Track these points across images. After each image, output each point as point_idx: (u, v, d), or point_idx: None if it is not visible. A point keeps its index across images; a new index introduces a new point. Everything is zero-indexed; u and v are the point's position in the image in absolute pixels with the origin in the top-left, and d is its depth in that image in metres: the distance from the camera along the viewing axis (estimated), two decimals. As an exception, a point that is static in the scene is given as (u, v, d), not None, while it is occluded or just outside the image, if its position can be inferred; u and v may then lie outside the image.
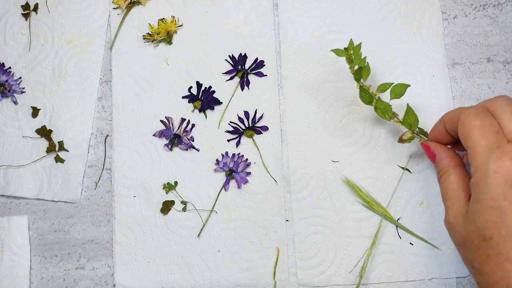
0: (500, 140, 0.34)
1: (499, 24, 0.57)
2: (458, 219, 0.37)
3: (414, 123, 0.44)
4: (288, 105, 0.56)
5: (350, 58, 0.45)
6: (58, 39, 0.59)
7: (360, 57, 0.45)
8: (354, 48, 0.45)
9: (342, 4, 0.58)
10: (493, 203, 0.33)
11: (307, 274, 0.53)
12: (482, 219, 0.34)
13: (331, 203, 0.54)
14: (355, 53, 0.45)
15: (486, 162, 0.33)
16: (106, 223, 0.56)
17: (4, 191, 0.57)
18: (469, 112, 0.37)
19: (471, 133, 0.35)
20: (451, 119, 0.40)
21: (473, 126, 0.36)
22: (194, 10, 0.59)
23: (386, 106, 0.45)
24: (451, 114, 0.40)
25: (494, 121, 0.36)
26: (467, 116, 0.37)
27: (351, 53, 0.45)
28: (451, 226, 0.38)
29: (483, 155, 0.34)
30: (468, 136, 0.36)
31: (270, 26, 0.58)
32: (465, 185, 0.39)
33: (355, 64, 0.45)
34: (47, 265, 0.56)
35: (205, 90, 0.57)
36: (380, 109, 0.45)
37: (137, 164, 0.56)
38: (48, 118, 0.58)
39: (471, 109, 0.37)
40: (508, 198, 0.32)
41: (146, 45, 0.59)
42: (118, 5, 0.59)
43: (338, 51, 0.45)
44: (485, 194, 0.33)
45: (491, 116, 0.36)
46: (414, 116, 0.44)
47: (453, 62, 0.57)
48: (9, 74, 0.59)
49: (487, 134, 0.35)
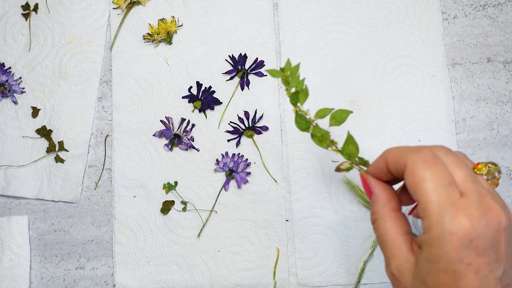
0: (453, 194, 0.31)
1: (499, 24, 0.57)
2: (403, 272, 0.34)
3: (354, 153, 0.40)
4: (288, 105, 0.56)
5: (287, 80, 0.40)
6: (58, 39, 0.59)
7: (297, 79, 0.40)
8: (291, 68, 0.40)
9: (342, 4, 0.58)
10: (447, 266, 0.31)
11: (307, 274, 0.53)
12: (435, 281, 0.31)
13: (331, 203, 0.54)
14: (292, 74, 0.40)
15: (441, 223, 0.31)
16: (106, 223, 0.56)
17: (4, 191, 0.57)
18: (417, 158, 0.33)
19: (422, 187, 0.32)
20: (396, 161, 0.35)
21: (423, 178, 0.32)
22: (194, 10, 0.59)
23: (324, 134, 0.40)
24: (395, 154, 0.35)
25: (446, 170, 0.32)
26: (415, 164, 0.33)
27: (287, 74, 0.40)
28: (394, 277, 0.35)
29: (436, 213, 0.31)
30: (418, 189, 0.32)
31: (270, 26, 0.58)
32: (403, 231, 0.35)
33: (291, 86, 0.40)
34: (47, 265, 0.56)
35: (205, 90, 0.57)
36: (316, 137, 0.41)
37: (137, 164, 0.56)
38: (48, 118, 0.58)
39: (419, 154, 0.33)
40: (464, 261, 0.30)
41: (146, 45, 0.59)
42: (118, 5, 0.59)
43: (274, 72, 0.40)
44: (440, 257, 0.31)
45: (441, 163, 0.33)
46: (354, 145, 0.40)
47: (453, 62, 0.57)
48: (9, 74, 0.59)
49: (439, 188, 0.32)
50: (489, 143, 0.55)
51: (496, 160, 0.55)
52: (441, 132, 0.55)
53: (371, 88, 0.56)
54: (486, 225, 0.30)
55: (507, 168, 0.55)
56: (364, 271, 0.53)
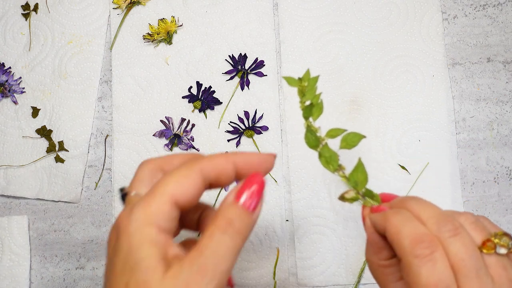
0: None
1: (499, 24, 0.57)
2: None
3: (362, 182, 0.36)
4: (288, 105, 0.56)
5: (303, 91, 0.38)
6: (58, 39, 0.59)
7: (314, 92, 0.37)
8: (310, 79, 0.38)
9: (342, 4, 0.58)
10: None
11: (307, 274, 0.53)
12: None
13: (331, 203, 0.54)
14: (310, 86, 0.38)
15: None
16: (106, 223, 0.56)
17: (4, 191, 0.57)
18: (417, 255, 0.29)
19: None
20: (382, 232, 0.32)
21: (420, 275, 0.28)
22: (194, 10, 0.59)
23: (332, 155, 0.37)
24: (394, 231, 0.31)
25: (448, 270, 0.29)
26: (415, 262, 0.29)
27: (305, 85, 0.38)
28: None
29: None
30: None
31: (270, 26, 0.58)
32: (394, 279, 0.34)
33: (307, 98, 0.37)
34: (47, 265, 0.56)
35: (205, 90, 0.57)
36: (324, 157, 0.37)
37: (137, 164, 0.56)
38: (48, 118, 0.58)
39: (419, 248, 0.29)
40: None
41: (146, 45, 0.59)
42: (118, 5, 0.59)
43: (291, 80, 0.38)
44: None
45: (442, 256, 0.29)
46: (364, 174, 0.36)
47: (453, 62, 0.57)
48: (9, 74, 0.59)
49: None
50: (489, 143, 0.55)
51: (496, 160, 0.55)
52: (441, 132, 0.55)
53: (371, 88, 0.56)
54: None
55: (507, 168, 0.55)
56: (364, 271, 0.53)
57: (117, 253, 0.30)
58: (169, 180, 0.31)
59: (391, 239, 0.31)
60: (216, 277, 0.29)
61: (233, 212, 0.31)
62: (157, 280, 0.28)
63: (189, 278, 0.28)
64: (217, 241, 0.29)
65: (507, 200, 0.54)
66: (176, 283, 0.28)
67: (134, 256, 0.29)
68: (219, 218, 0.30)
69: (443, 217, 0.30)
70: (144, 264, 0.28)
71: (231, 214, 0.31)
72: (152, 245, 0.29)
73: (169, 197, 0.30)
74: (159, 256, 0.29)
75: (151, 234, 0.29)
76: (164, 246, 0.30)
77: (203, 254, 0.29)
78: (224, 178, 0.33)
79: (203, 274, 0.28)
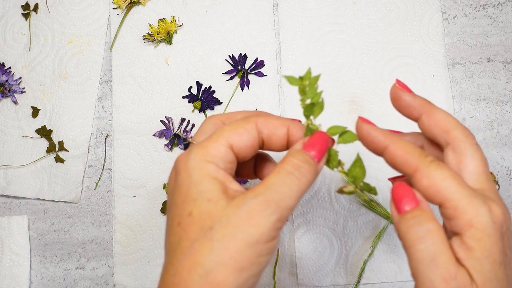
0: (471, 187, 0.31)
1: (499, 24, 0.57)
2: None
3: (360, 177, 0.38)
4: (288, 105, 0.56)
5: (304, 90, 0.38)
6: (58, 39, 0.59)
7: (315, 90, 0.38)
8: (311, 78, 0.38)
9: (342, 4, 0.58)
10: (500, 256, 0.30)
11: (307, 274, 0.53)
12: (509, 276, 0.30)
13: (331, 203, 0.54)
14: (311, 84, 0.38)
15: (481, 214, 0.29)
16: (106, 223, 0.56)
17: (4, 191, 0.57)
18: (428, 161, 0.32)
19: (445, 185, 0.30)
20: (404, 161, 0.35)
21: (444, 177, 0.31)
22: (194, 10, 0.59)
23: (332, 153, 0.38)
24: (403, 153, 0.35)
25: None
26: (429, 165, 0.32)
27: (306, 84, 0.38)
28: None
29: (472, 208, 0.29)
30: (441, 189, 0.31)
31: (270, 26, 0.58)
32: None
33: (307, 97, 0.38)
34: (47, 265, 0.56)
35: (205, 90, 0.57)
36: None
37: (137, 164, 0.56)
38: (48, 118, 0.58)
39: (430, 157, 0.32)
40: (506, 249, 0.30)
41: (146, 45, 0.59)
42: (118, 5, 0.59)
43: (291, 79, 0.38)
44: (492, 249, 0.29)
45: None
46: (361, 169, 0.38)
47: (453, 62, 0.57)
48: (9, 74, 0.59)
49: (463, 183, 0.31)
50: (489, 143, 0.55)
51: (496, 160, 0.55)
52: (441, 132, 0.55)
53: (371, 88, 0.56)
54: (509, 213, 0.31)
55: (507, 168, 0.55)
56: (364, 271, 0.53)
57: (178, 188, 0.32)
58: (226, 128, 0.33)
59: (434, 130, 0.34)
60: (278, 211, 0.30)
61: (301, 157, 0.33)
62: (220, 209, 0.30)
63: (251, 207, 0.29)
64: (283, 179, 0.31)
65: (507, 200, 0.54)
66: (238, 212, 0.29)
67: (196, 189, 0.31)
68: (287, 160, 0.32)
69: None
70: (206, 195, 0.30)
71: (298, 159, 0.33)
72: (212, 178, 0.31)
73: (225, 140, 0.32)
74: (220, 189, 0.31)
75: (210, 170, 0.31)
76: (224, 181, 0.31)
77: (269, 188, 0.30)
78: (276, 139, 0.35)
79: (267, 205, 0.29)
